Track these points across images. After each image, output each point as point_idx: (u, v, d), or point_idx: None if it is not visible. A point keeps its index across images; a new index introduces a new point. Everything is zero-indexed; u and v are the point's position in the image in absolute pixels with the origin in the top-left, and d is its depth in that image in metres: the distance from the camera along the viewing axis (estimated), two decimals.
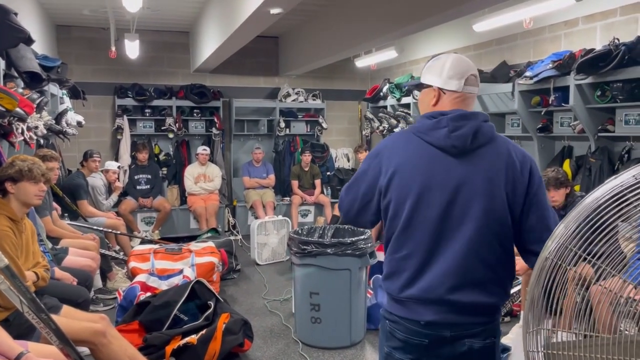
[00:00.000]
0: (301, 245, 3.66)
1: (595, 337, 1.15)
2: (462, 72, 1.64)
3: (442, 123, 1.59)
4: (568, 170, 4.58)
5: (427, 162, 1.60)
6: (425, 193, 1.58)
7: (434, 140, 1.59)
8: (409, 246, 1.60)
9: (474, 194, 1.56)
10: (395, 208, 1.62)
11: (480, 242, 1.57)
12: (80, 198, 5.45)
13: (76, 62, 7.28)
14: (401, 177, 1.61)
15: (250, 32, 5.17)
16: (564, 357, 1.13)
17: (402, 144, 1.66)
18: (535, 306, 1.16)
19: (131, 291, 3.83)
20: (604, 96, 4.26)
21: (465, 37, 6.04)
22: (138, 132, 7.43)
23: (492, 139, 1.62)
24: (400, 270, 1.61)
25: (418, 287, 1.58)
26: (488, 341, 1.62)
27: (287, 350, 3.67)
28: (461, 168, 1.58)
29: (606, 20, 4.51)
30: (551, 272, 1.15)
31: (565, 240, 1.14)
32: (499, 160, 1.59)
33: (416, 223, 1.59)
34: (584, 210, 1.14)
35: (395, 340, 1.65)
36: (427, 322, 1.58)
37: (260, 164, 7.54)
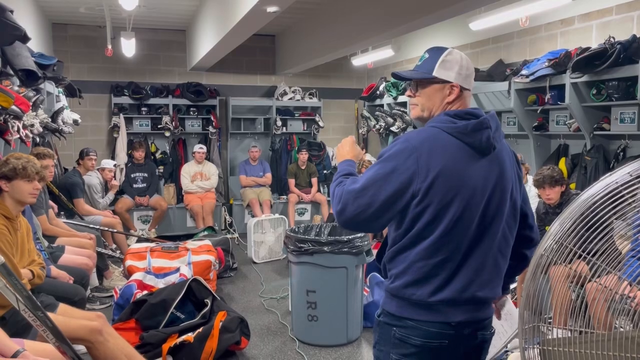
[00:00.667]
0: (298, 243, 3.66)
1: (591, 333, 1.15)
2: (471, 71, 1.66)
3: (485, 124, 1.55)
4: (564, 168, 4.60)
5: (468, 164, 1.54)
6: (472, 196, 1.53)
7: (476, 142, 1.54)
8: (447, 250, 1.53)
9: (503, 193, 1.60)
10: (436, 212, 1.51)
11: (504, 238, 1.62)
12: (77, 196, 5.44)
13: (72, 60, 7.26)
14: (446, 180, 1.50)
15: (247, 30, 5.16)
16: (559, 353, 1.14)
17: (440, 145, 1.53)
18: (531, 302, 1.16)
19: (128, 289, 3.82)
20: (599, 94, 4.28)
21: (462, 35, 6.05)
22: (134, 131, 7.41)
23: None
24: (432, 275, 1.54)
25: (451, 289, 1.54)
26: (493, 330, 1.69)
27: (283, 348, 3.67)
28: (492, 168, 1.58)
29: (602, 19, 4.52)
30: (546, 268, 1.15)
31: (560, 237, 1.14)
32: (508, 158, 1.65)
33: (459, 227, 1.53)
34: (580, 208, 1.14)
35: (408, 347, 1.57)
36: (458, 322, 1.56)
37: (257, 162, 7.54)
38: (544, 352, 1.15)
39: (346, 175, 1.67)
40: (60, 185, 5.38)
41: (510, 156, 1.68)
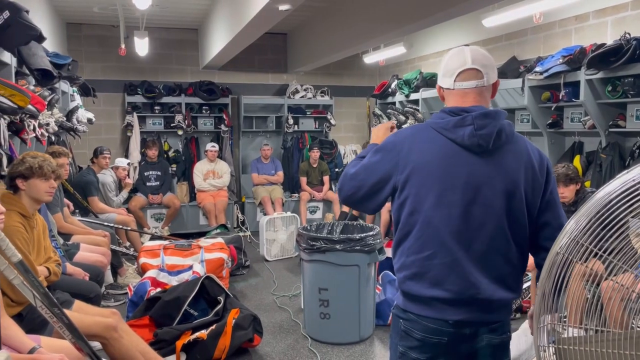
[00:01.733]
0: (310, 241, 3.67)
1: (607, 332, 1.14)
2: (453, 69, 1.61)
3: (467, 121, 1.56)
4: (578, 166, 4.55)
5: (448, 159, 1.57)
6: (447, 191, 1.56)
7: (458, 138, 1.56)
8: (433, 245, 1.57)
9: (495, 193, 1.56)
10: (413, 205, 1.58)
11: (501, 239, 1.58)
12: (91, 194, 5.49)
13: (86, 60, 7.33)
14: (421, 174, 1.57)
15: (259, 28, 5.18)
16: (574, 352, 1.13)
17: (421, 139, 1.61)
18: (546, 301, 1.16)
19: (142, 287, 3.86)
20: (615, 91, 4.23)
21: (475, 32, 6.01)
22: (147, 129, 7.47)
23: (512, 138, 1.62)
24: (426, 271, 1.58)
25: (445, 287, 1.56)
26: (504, 336, 1.64)
27: (296, 346, 3.68)
28: (483, 167, 1.56)
29: (617, 15, 4.46)
30: (562, 266, 1.15)
31: (576, 235, 1.13)
32: (518, 160, 1.59)
33: (437, 222, 1.56)
34: (595, 205, 1.13)
35: (412, 340, 1.63)
36: (456, 321, 1.58)
37: (269, 160, 7.56)
38: (559, 351, 1.14)
39: (361, 158, 1.77)
40: (75, 183, 5.44)
41: (527, 159, 1.60)
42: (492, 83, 1.65)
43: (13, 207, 2.75)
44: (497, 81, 1.68)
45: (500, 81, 1.69)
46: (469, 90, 1.61)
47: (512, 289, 1.62)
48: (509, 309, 1.67)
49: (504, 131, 1.59)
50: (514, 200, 1.58)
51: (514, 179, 1.58)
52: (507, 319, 1.67)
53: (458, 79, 1.61)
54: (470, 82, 1.61)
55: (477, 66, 1.61)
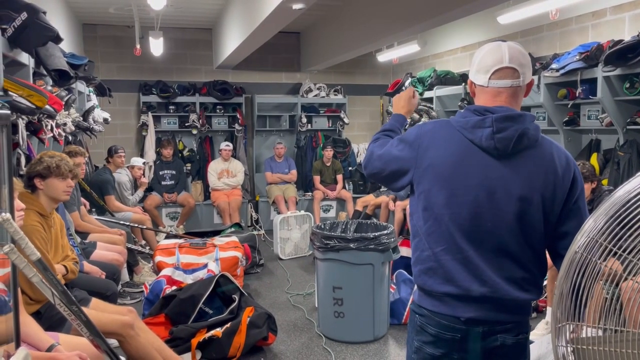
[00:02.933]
0: (324, 240, 3.67)
1: (626, 332, 1.13)
2: (489, 66, 1.57)
3: (487, 122, 1.52)
4: (595, 164, 4.49)
5: (464, 160, 1.55)
6: (459, 191, 1.54)
7: (476, 139, 1.54)
8: (445, 241, 1.57)
9: (509, 197, 1.53)
10: (427, 200, 1.59)
11: (514, 243, 1.54)
12: (108, 193, 5.55)
13: (102, 60, 7.41)
14: (435, 171, 1.57)
15: (273, 28, 5.18)
16: (592, 352, 1.12)
17: (441, 136, 1.60)
18: (564, 300, 1.14)
19: (157, 285, 3.89)
20: (632, 88, 4.16)
21: (490, 29, 5.96)
22: (162, 129, 7.53)
23: (536, 142, 1.56)
24: (438, 266, 1.58)
25: (456, 283, 1.56)
26: (520, 337, 1.61)
27: (310, 344, 3.69)
28: (500, 170, 1.53)
29: (635, 11, 4.39)
30: (580, 266, 1.13)
31: (595, 234, 1.12)
32: (539, 165, 1.54)
33: (447, 220, 1.56)
34: (614, 204, 1.12)
35: (426, 335, 1.63)
36: (468, 318, 1.57)
37: (282, 159, 7.57)
38: (577, 351, 1.13)
39: (387, 132, 1.84)
40: (91, 182, 5.50)
41: (549, 164, 1.54)
42: (527, 83, 1.60)
43: (31, 206, 2.79)
44: (532, 80, 1.63)
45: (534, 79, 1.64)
46: (503, 90, 1.57)
47: (528, 290, 1.58)
48: (525, 310, 1.62)
49: (526, 135, 1.53)
50: (531, 206, 1.53)
51: (532, 185, 1.53)
52: (524, 320, 1.63)
53: (493, 77, 1.56)
54: (506, 82, 1.56)
55: (515, 65, 1.56)
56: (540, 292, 1.62)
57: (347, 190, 7.74)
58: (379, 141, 1.78)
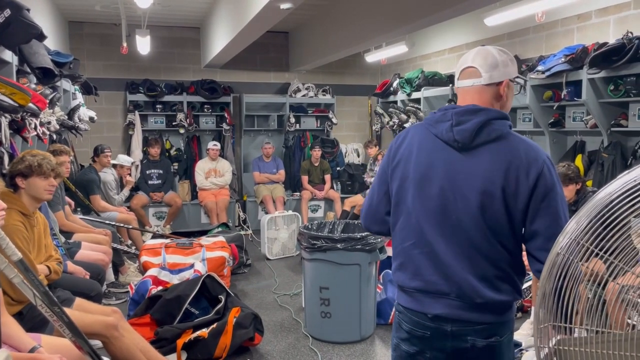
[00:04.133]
0: (311, 240, 3.67)
1: (607, 333, 1.14)
2: (458, 68, 1.66)
3: (447, 116, 1.59)
4: (580, 165, 4.54)
5: (429, 153, 1.61)
6: (425, 183, 1.59)
7: (439, 133, 1.60)
8: (414, 235, 1.61)
9: (471, 189, 1.53)
10: (398, 195, 1.66)
11: (480, 237, 1.53)
12: (93, 193, 5.50)
13: (88, 58, 7.33)
14: (404, 166, 1.64)
15: (261, 27, 5.17)
16: (575, 353, 1.13)
17: (411, 135, 1.68)
18: (547, 302, 1.15)
19: (143, 285, 3.86)
20: (617, 90, 4.21)
21: (477, 31, 5.99)
22: (149, 128, 7.48)
23: (501, 137, 1.54)
24: (409, 261, 1.63)
25: (425, 279, 1.59)
26: (492, 340, 1.56)
27: (297, 345, 3.68)
28: (462, 163, 1.56)
29: (620, 14, 4.45)
30: (562, 267, 1.14)
31: (577, 236, 1.13)
32: (502, 159, 1.52)
33: (418, 213, 1.60)
34: (596, 206, 1.13)
35: (402, 332, 1.67)
36: (435, 315, 1.58)
37: (271, 159, 7.56)
38: (559, 352, 1.13)
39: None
40: (76, 181, 5.44)
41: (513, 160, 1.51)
42: (496, 82, 1.57)
43: (13, 205, 2.75)
44: (504, 81, 1.59)
45: (508, 81, 1.61)
46: (468, 89, 1.62)
47: (501, 290, 1.54)
48: (499, 312, 1.57)
49: (486, 128, 1.53)
50: (492, 200, 1.51)
51: (493, 179, 1.51)
52: (497, 322, 1.57)
53: (460, 78, 1.65)
54: (466, 81, 1.62)
55: (476, 65, 1.59)
56: (519, 294, 1.59)
57: (335, 190, 7.75)
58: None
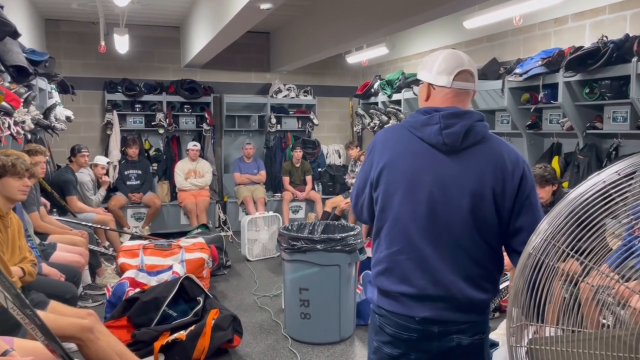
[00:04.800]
0: (291, 241, 3.66)
1: (579, 332, 1.16)
2: (452, 68, 1.62)
3: (434, 119, 1.58)
4: (557, 167, 4.61)
5: (417, 157, 1.60)
6: (414, 188, 1.58)
7: (426, 136, 1.59)
8: (400, 241, 1.60)
9: (461, 191, 1.56)
10: (384, 201, 1.64)
11: (468, 238, 1.57)
12: (69, 194, 5.41)
13: (65, 57, 7.22)
14: (390, 170, 1.62)
15: (241, 27, 5.15)
16: (547, 352, 1.14)
17: (394, 138, 1.66)
18: (519, 301, 1.16)
19: (120, 287, 3.81)
20: (592, 93, 4.29)
21: (456, 34, 6.05)
22: (128, 128, 7.38)
23: (484, 139, 1.60)
24: (395, 266, 1.62)
25: (412, 282, 1.59)
26: (476, 337, 1.62)
27: (276, 346, 3.67)
28: (451, 165, 1.57)
29: (595, 18, 4.53)
30: (534, 266, 1.16)
31: (548, 236, 1.14)
32: (489, 160, 1.58)
33: (405, 218, 1.59)
34: (568, 207, 1.15)
35: (385, 335, 1.67)
36: (422, 318, 1.59)
37: (251, 159, 7.52)
38: (531, 351, 1.15)
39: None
40: (52, 182, 5.35)
41: (498, 160, 1.57)
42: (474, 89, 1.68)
43: None
44: (475, 91, 1.70)
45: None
46: (462, 91, 1.64)
47: (484, 289, 1.60)
48: (481, 310, 1.64)
49: (472, 131, 1.58)
50: (483, 200, 1.56)
51: (483, 180, 1.56)
52: (480, 320, 1.64)
53: (457, 79, 1.62)
54: (467, 84, 1.64)
55: (472, 69, 1.66)
56: (497, 291, 1.66)
57: (316, 191, 7.75)
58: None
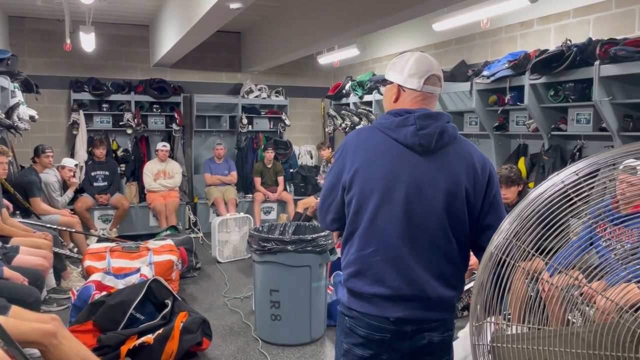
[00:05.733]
0: (261, 242, 3.64)
1: (539, 329, 1.18)
2: (423, 72, 1.64)
3: (410, 121, 1.59)
4: (523, 167, 4.71)
5: (392, 158, 1.60)
6: (390, 189, 1.59)
7: (401, 138, 1.60)
8: (375, 242, 1.60)
9: (437, 191, 1.59)
10: (359, 204, 1.62)
11: (442, 237, 1.60)
12: (33, 195, 5.27)
13: (29, 55, 7.04)
14: (365, 172, 1.61)
15: (210, 26, 5.10)
16: (508, 350, 1.16)
17: (367, 140, 1.66)
18: (481, 299, 1.18)
19: (85, 290, 3.72)
20: (557, 96, 4.39)
21: (426, 36, 6.12)
22: (95, 128, 7.23)
23: (455, 140, 1.64)
24: (368, 268, 1.61)
25: (387, 285, 1.59)
26: (446, 334, 1.66)
27: (246, 348, 3.64)
28: (426, 166, 1.59)
29: (560, 22, 4.64)
30: (495, 265, 1.17)
31: (509, 235, 1.16)
32: (461, 161, 1.62)
33: (381, 219, 1.60)
34: (528, 206, 1.17)
35: (356, 337, 1.66)
36: (397, 318, 1.60)
37: (222, 160, 7.46)
38: (494, 349, 1.17)
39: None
40: (15, 183, 5.20)
41: (469, 161, 1.63)
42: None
43: None
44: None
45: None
46: (431, 95, 1.67)
47: (454, 287, 1.65)
48: (451, 308, 1.68)
49: (446, 132, 1.61)
50: (456, 199, 1.60)
51: (456, 179, 1.60)
52: (449, 318, 1.68)
53: (427, 82, 1.65)
54: (435, 88, 1.67)
55: (439, 74, 1.69)
56: (462, 287, 1.70)
57: (288, 192, 7.73)
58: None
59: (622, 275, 1.16)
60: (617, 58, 3.69)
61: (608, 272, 1.16)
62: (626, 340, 1.08)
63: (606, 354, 1.09)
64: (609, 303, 1.13)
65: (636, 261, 1.14)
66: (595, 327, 1.11)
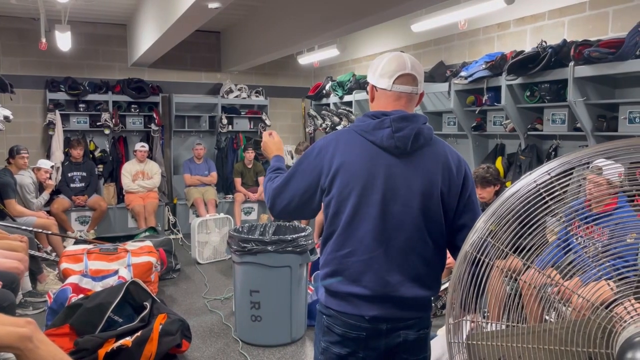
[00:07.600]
0: (241, 243, 3.62)
1: (514, 327, 1.20)
2: (392, 72, 1.64)
3: (386, 123, 1.61)
4: (500, 167, 4.77)
5: (369, 160, 1.61)
6: (367, 191, 1.60)
7: (377, 140, 1.61)
8: (352, 244, 1.62)
9: (413, 193, 1.61)
10: (337, 206, 1.64)
11: (418, 238, 1.62)
12: (8, 197, 5.18)
13: (4, 54, 6.91)
14: (344, 175, 1.62)
15: (189, 26, 5.06)
16: (483, 347, 1.18)
17: (344, 142, 1.66)
18: (457, 297, 1.20)
19: (62, 293, 3.67)
20: (533, 96, 4.46)
21: (405, 37, 6.17)
22: (71, 128, 7.12)
23: (430, 141, 1.66)
24: (344, 268, 1.64)
25: (363, 285, 1.62)
26: (421, 332, 1.69)
27: (226, 350, 3.63)
28: (402, 168, 1.61)
29: (536, 24, 4.72)
30: (471, 263, 1.19)
31: (484, 234, 1.18)
32: (436, 162, 1.64)
33: (358, 220, 1.61)
34: (502, 205, 1.19)
35: (333, 335, 1.68)
36: (372, 317, 1.62)
37: (202, 160, 7.41)
38: (469, 346, 1.18)
39: (277, 170, 1.85)
40: None
41: (444, 162, 1.64)
42: (420, 93, 1.71)
43: None
44: (423, 92, 1.73)
45: (424, 91, 1.76)
46: (404, 95, 1.66)
47: (429, 287, 1.67)
48: (426, 307, 1.71)
49: (422, 134, 1.63)
50: (431, 200, 1.62)
51: (431, 180, 1.62)
52: (425, 316, 1.71)
53: (397, 82, 1.65)
54: (407, 87, 1.66)
55: (415, 73, 1.66)
56: (439, 287, 1.73)
57: None
58: (275, 179, 1.77)
59: (593, 272, 1.18)
60: (591, 59, 3.77)
61: (579, 270, 1.19)
62: (597, 337, 1.10)
63: (578, 350, 1.11)
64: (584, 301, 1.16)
65: (606, 259, 1.17)
66: (567, 324, 1.13)
